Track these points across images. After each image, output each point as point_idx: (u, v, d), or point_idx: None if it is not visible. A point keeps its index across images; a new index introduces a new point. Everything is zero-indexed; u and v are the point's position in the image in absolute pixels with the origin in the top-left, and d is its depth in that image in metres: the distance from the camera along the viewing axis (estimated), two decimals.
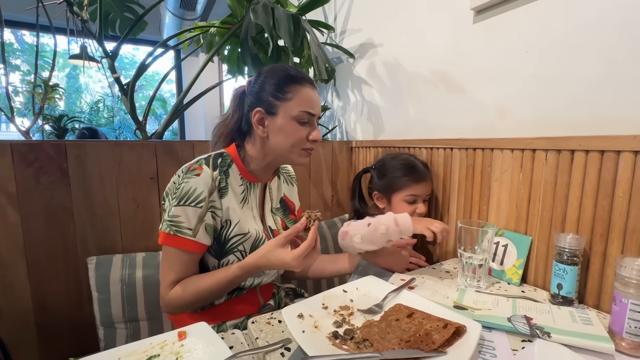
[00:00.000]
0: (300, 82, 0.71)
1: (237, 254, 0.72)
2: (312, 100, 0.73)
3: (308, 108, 0.71)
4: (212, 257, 0.73)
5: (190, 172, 0.68)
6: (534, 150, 0.78)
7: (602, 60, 0.68)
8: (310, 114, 0.72)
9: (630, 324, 0.52)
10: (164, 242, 0.67)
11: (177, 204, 0.66)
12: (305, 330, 0.55)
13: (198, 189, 0.67)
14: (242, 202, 0.75)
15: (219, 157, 0.72)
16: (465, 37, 0.96)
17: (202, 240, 0.68)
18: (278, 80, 0.72)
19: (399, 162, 0.96)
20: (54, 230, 0.88)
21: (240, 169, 0.75)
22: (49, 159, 0.87)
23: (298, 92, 0.71)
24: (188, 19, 3.00)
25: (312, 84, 0.74)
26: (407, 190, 0.92)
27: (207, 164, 0.69)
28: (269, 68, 0.75)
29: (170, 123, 1.32)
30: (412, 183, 0.92)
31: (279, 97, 0.71)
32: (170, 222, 0.67)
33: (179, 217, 0.66)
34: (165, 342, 0.52)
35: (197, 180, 0.67)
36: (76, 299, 0.92)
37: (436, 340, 0.51)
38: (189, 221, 0.66)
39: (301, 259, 0.62)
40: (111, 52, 1.19)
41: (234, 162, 0.74)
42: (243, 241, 0.73)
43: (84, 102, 5.39)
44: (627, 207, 0.63)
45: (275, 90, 0.71)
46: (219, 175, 0.70)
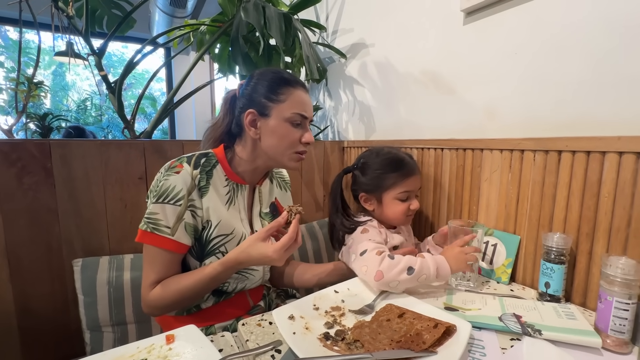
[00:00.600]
0: (293, 85, 0.72)
1: (218, 256, 0.71)
2: (305, 103, 0.73)
3: (301, 110, 0.71)
4: (194, 259, 0.71)
5: (170, 170, 0.67)
6: (523, 151, 0.79)
7: (587, 62, 0.69)
8: (303, 116, 0.72)
9: (615, 321, 0.53)
10: (140, 239, 0.66)
11: (155, 201, 0.65)
12: (296, 332, 0.55)
13: (177, 186, 0.66)
14: (227, 203, 0.74)
15: (204, 157, 0.71)
16: (455, 38, 0.97)
17: (181, 239, 0.67)
18: (271, 82, 0.72)
19: (385, 158, 0.88)
20: (38, 231, 0.86)
21: (226, 170, 0.74)
22: (32, 159, 0.84)
23: (291, 94, 0.71)
24: (178, 17, 2.96)
25: (305, 88, 0.74)
26: (399, 188, 0.85)
27: (188, 162, 0.68)
28: (262, 71, 0.75)
29: (160, 122, 1.30)
30: (403, 178, 0.85)
31: (272, 98, 0.70)
32: (148, 220, 0.66)
33: (157, 215, 0.65)
34: (152, 346, 0.51)
35: (176, 178, 0.66)
36: (61, 302, 0.89)
37: (427, 340, 0.52)
38: (167, 219, 0.65)
39: (282, 252, 0.61)
40: (98, 50, 1.16)
41: (220, 162, 0.73)
42: (225, 242, 0.71)
43: (71, 101, 5.27)
44: (612, 206, 0.64)
45: (268, 92, 0.71)
46: (199, 174, 0.69)
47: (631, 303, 0.53)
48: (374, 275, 0.69)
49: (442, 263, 0.71)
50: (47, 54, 4.59)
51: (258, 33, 1.00)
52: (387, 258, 0.71)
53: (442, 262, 0.71)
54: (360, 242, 0.79)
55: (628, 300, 0.53)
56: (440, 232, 0.90)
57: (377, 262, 0.70)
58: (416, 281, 0.69)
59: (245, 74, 1.21)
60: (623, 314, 0.53)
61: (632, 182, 0.61)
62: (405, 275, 0.68)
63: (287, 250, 0.62)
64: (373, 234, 0.82)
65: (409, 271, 0.68)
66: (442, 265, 0.71)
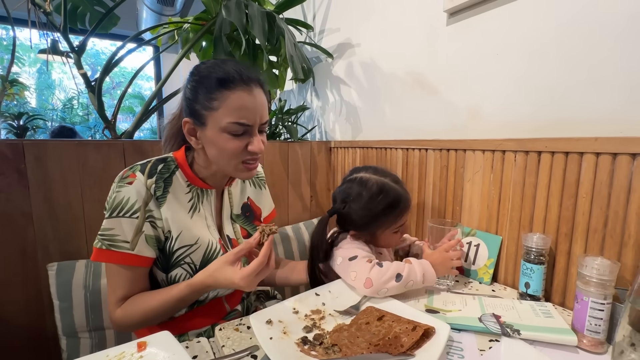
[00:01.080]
0: (228, 87, 0.59)
1: (184, 267, 0.66)
2: (245, 108, 0.60)
3: (238, 118, 0.60)
4: (160, 271, 0.67)
5: (122, 181, 0.62)
6: (504, 152, 0.79)
7: (566, 65, 0.70)
8: (243, 124, 0.61)
9: (591, 321, 0.54)
10: (96, 258, 0.61)
11: (109, 216, 0.61)
12: (273, 337, 0.54)
13: (131, 198, 0.61)
14: (191, 211, 0.68)
15: (161, 163, 0.66)
16: (438, 39, 0.97)
17: (143, 252, 0.62)
18: (204, 85, 0.61)
19: (380, 198, 0.76)
20: (10, 235, 0.83)
21: (188, 175, 0.68)
22: (4, 160, 0.81)
23: (226, 99, 0.59)
24: (167, 15, 2.92)
25: (247, 85, 0.61)
26: (397, 223, 0.79)
27: (141, 171, 0.63)
28: (200, 68, 0.64)
29: (143, 121, 1.27)
30: (401, 215, 0.78)
31: (206, 105, 0.60)
32: (103, 237, 0.61)
33: (113, 230, 0.61)
34: (123, 354, 0.50)
35: (129, 189, 0.61)
36: (36, 308, 0.86)
37: (405, 343, 0.51)
38: (124, 233, 0.61)
39: (251, 278, 0.56)
40: (77, 47, 1.13)
41: (180, 167, 0.67)
42: (190, 253, 0.66)
43: (56, 99, 5.15)
44: (590, 207, 0.65)
45: (201, 97, 0.61)
46: (155, 183, 0.63)
47: (606, 303, 0.53)
48: (363, 282, 0.68)
49: (428, 268, 0.72)
50: (32, 52, 4.48)
51: (240, 32, 0.99)
52: (376, 266, 0.70)
53: (428, 268, 0.72)
54: (351, 247, 0.77)
55: (603, 301, 0.53)
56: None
57: (367, 270, 0.69)
58: (404, 287, 0.69)
59: None
60: (598, 314, 0.53)
61: (608, 183, 0.62)
62: (393, 282, 0.68)
63: (257, 276, 0.57)
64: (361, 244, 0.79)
65: (397, 278, 0.68)
66: (428, 271, 0.71)
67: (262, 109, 0.63)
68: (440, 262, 0.73)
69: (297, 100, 1.75)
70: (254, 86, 0.62)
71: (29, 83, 4.14)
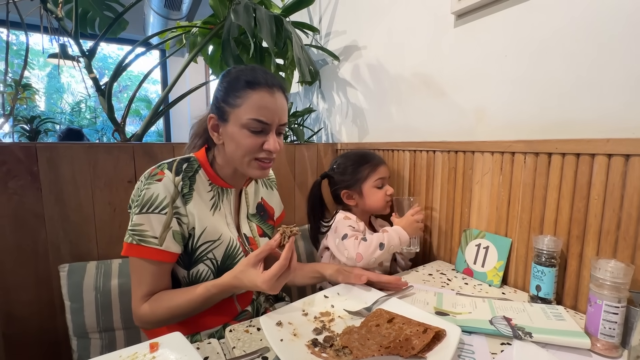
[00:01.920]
0: (253, 87, 0.64)
1: (207, 262, 0.69)
2: (266, 107, 0.65)
3: (258, 116, 0.64)
4: (181, 268, 0.69)
5: (151, 178, 0.64)
6: (513, 153, 0.79)
7: (576, 65, 0.69)
8: (262, 122, 0.65)
9: (605, 325, 0.53)
10: (127, 253, 0.63)
11: (139, 212, 0.63)
12: (283, 339, 0.54)
13: (160, 195, 0.63)
14: (212, 209, 0.71)
15: (185, 162, 0.69)
16: (446, 41, 0.97)
17: (170, 248, 0.65)
18: (230, 84, 0.66)
19: (355, 156, 1.02)
20: (23, 236, 0.84)
21: (209, 175, 0.71)
22: (17, 162, 0.82)
23: (249, 97, 0.64)
24: (173, 19, 2.95)
25: (270, 88, 0.65)
26: (374, 176, 0.97)
27: (169, 169, 0.66)
28: (228, 70, 0.70)
29: (151, 124, 1.29)
30: (375, 167, 0.98)
31: (230, 102, 0.66)
32: (133, 232, 0.63)
33: (142, 226, 0.63)
34: (136, 355, 0.50)
35: (158, 186, 0.64)
36: (47, 308, 0.88)
37: (416, 345, 0.51)
38: (153, 229, 0.63)
39: (272, 282, 0.57)
40: (88, 51, 1.15)
41: (202, 167, 0.71)
42: (213, 248, 0.69)
43: (65, 103, 5.23)
44: (602, 209, 0.64)
45: (226, 94, 0.66)
46: (182, 180, 0.66)
47: (620, 306, 0.53)
48: (354, 257, 0.85)
49: (402, 232, 0.90)
50: (41, 56, 4.56)
51: (249, 35, 1.00)
52: (362, 241, 0.87)
53: (401, 232, 0.90)
54: (343, 226, 0.93)
55: (617, 304, 0.53)
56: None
57: (356, 246, 0.86)
58: (387, 253, 0.87)
59: None
60: (613, 318, 0.53)
61: (621, 185, 0.61)
62: (378, 251, 0.85)
63: (279, 279, 0.58)
64: (353, 222, 0.95)
65: (381, 247, 0.86)
66: (402, 234, 0.89)
67: (282, 112, 0.68)
68: (408, 225, 0.91)
69: (303, 102, 1.76)
70: (276, 90, 0.67)
71: (38, 87, 4.21)
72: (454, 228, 0.96)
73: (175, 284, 0.71)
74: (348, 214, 0.98)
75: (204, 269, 0.69)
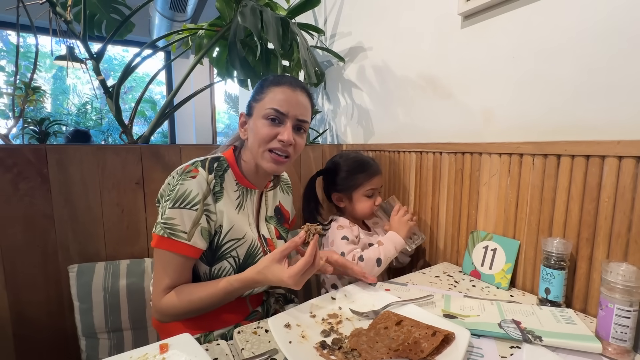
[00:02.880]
0: (277, 84, 0.70)
1: (229, 260, 0.71)
2: (286, 100, 0.69)
3: (276, 105, 0.68)
4: (204, 264, 0.71)
5: (185, 174, 0.67)
6: (521, 155, 0.78)
7: (585, 66, 0.69)
8: (278, 111, 0.68)
9: (617, 329, 0.52)
10: (157, 244, 0.65)
11: (172, 206, 0.65)
12: (292, 341, 0.54)
13: (193, 191, 0.65)
14: (237, 208, 0.73)
15: (215, 161, 0.71)
16: (453, 42, 0.96)
17: (197, 244, 0.66)
18: (261, 85, 0.73)
19: (353, 161, 1.01)
20: (33, 237, 0.85)
21: (236, 174, 0.74)
22: (28, 164, 0.83)
23: (272, 92, 0.70)
24: (178, 21, 2.97)
25: (293, 86, 0.70)
26: (366, 186, 0.98)
27: (202, 167, 0.68)
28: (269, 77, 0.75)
29: (158, 126, 1.30)
30: (370, 178, 0.98)
31: (256, 98, 0.71)
32: (165, 225, 0.65)
33: (174, 220, 0.64)
34: (146, 356, 0.50)
35: (193, 182, 0.66)
36: (57, 308, 0.88)
37: (425, 348, 0.51)
38: (183, 224, 0.65)
39: (298, 277, 0.59)
40: (96, 54, 1.16)
41: (230, 167, 0.73)
42: (237, 246, 0.71)
43: (71, 104, 5.28)
44: (612, 211, 0.63)
45: (256, 94, 0.72)
46: (214, 179, 0.69)
47: (633, 310, 0.52)
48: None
49: (396, 238, 0.90)
50: (48, 58, 4.62)
51: (255, 37, 1.00)
52: (359, 261, 0.86)
53: (395, 238, 0.90)
54: (338, 240, 0.93)
55: (629, 308, 0.52)
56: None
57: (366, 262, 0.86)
58: (386, 264, 0.88)
59: (243, 78, 1.21)
60: (624, 322, 0.52)
61: (632, 187, 0.60)
62: (377, 268, 0.87)
63: (303, 275, 0.60)
64: (347, 231, 0.95)
65: (378, 263, 0.87)
66: (397, 240, 0.90)
67: (302, 107, 0.71)
68: (399, 226, 0.92)
69: None
70: (300, 89, 0.72)
71: (45, 89, 4.26)
72: (460, 230, 0.95)
73: (195, 280, 0.72)
74: (341, 222, 0.98)
75: (226, 266, 0.70)
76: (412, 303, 0.65)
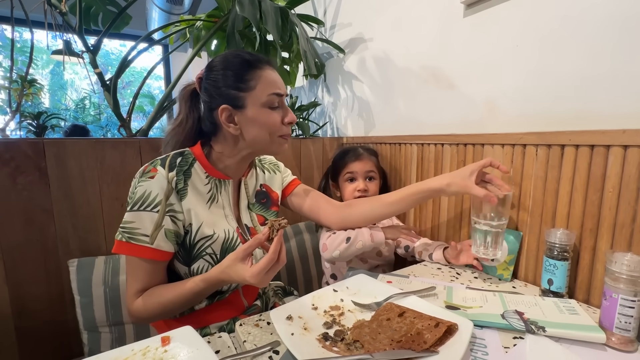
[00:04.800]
0: (258, 66, 0.67)
1: (206, 258, 0.68)
2: (277, 81, 0.68)
3: (275, 89, 0.67)
4: (181, 264, 0.68)
5: (144, 175, 0.63)
6: (525, 146, 0.77)
7: (589, 55, 0.68)
8: (279, 94, 0.68)
9: (621, 319, 0.52)
10: (117, 250, 0.62)
11: (130, 209, 0.62)
12: (294, 333, 0.54)
13: (153, 192, 0.62)
14: (209, 202, 0.70)
15: (179, 156, 0.67)
16: (455, 32, 0.95)
17: (162, 247, 0.63)
18: (235, 70, 0.66)
19: (339, 152, 1.08)
20: (32, 231, 0.85)
21: (205, 167, 0.69)
22: (25, 158, 0.83)
23: (260, 77, 0.66)
24: (175, 14, 2.93)
25: (271, 64, 0.69)
26: (344, 170, 1.02)
27: (162, 165, 0.64)
28: (220, 59, 0.68)
29: (157, 120, 1.29)
30: (347, 162, 1.02)
31: (242, 87, 0.65)
32: (123, 229, 0.62)
33: (133, 223, 0.62)
34: (148, 348, 0.50)
35: (151, 183, 0.62)
36: (58, 302, 0.88)
37: (428, 339, 0.51)
38: (144, 227, 0.62)
39: (261, 276, 0.56)
40: (92, 47, 1.15)
41: (197, 159, 0.69)
42: (211, 244, 0.67)
43: (69, 99, 5.24)
44: (617, 201, 0.63)
45: (235, 81, 0.65)
46: (176, 175, 0.64)
47: (637, 300, 0.52)
48: (321, 247, 0.90)
49: (376, 231, 0.87)
50: (45, 54, 4.57)
51: (254, 28, 0.99)
52: (332, 234, 0.89)
53: (375, 231, 0.87)
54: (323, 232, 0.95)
55: (634, 298, 0.52)
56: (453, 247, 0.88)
57: (325, 237, 0.90)
58: (354, 247, 0.85)
59: None
60: (629, 312, 0.52)
61: (638, 177, 0.60)
62: (344, 244, 0.85)
63: (268, 273, 0.57)
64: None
65: (347, 240, 0.85)
66: (376, 233, 0.87)
67: (283, 83, 0.71)
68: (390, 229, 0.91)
69: (307, 96, 1.74)
70: (272, 64, 0.70)
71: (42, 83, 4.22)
72: (462, 222, 0.95)
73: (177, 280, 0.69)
74: None
75: (204, 265, 0.68)
76: (414, 295, 0.65)
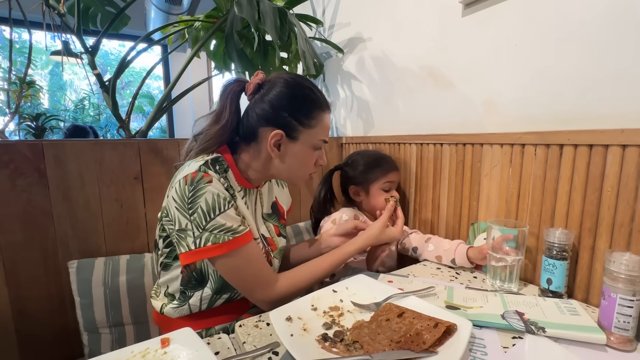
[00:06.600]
0: (323, 109, 0.69)
1: None
2: (329, 128, 0.73)
3: (327, 136, 0.72)
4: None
5: (201, 182, 0.61)
6: (523, 145, 0.77)
7: (588, 55, 0.67)
8: (326, 141, 0.72)
9: (619, 318, 0.52)
10: (228, 249, 0.62)
11: (214, 217, 0.62)
12: (293, 334, 0.54)
13: (220, 193, 0.62)
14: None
15: (216, 163, 0.67)
16: (453, 31, 0.95)
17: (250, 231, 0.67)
18: (303, 102, 0.67)
19: (372, 156, 1.06)
20: (32, 233, 0.85)
21: (236, 176, 0.70)
22: (24, 160, 0.83)
23: (322, 119, 0.69)
24: (174, 14, 2.93)
25: (329, 108, 0.72)
26: (383, 179, 1.01)
27: (212, 170, 0.64)
28: (288, 80, 0.67)
29: (156, 120, 1.28)
30: (387, 172, 1.02)
31: (304, 122, 0.67)
32: (220, 231, 0.62)
33: (225, 224, 0.62)
34: (147, 350, 0.50)
35: (212, 186, 0.62)
36: (58, 304, 0.89)
37: (427, 340, 0.51)
38: (235, 222, 0.64)
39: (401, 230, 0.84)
40: (91, 48, 1.15)
41: (230, 168, 0.69)
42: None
43: (68, 100, 5.24)
44: (615, 201, 0.63)
45: (299, 113, 0.66)
46: (221, 179, 0.65)
47: (635, 300, 0.52)
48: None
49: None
50: (44, 54, 4.57)
51: (252, 28, 0.98)
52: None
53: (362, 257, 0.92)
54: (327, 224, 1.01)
55: (632, 297, 0.52)
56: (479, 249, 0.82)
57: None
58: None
59: (240, 71, 1.19)
60: (627, 311, 0.52)
61: (636, 176, 0.60)
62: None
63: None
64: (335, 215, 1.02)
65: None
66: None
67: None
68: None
69: None
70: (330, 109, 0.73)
71: (41, 85, 4.22)
72: (461, 221, 0.95)
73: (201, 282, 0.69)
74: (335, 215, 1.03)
75: None
76: (413, 295, 0.65)
